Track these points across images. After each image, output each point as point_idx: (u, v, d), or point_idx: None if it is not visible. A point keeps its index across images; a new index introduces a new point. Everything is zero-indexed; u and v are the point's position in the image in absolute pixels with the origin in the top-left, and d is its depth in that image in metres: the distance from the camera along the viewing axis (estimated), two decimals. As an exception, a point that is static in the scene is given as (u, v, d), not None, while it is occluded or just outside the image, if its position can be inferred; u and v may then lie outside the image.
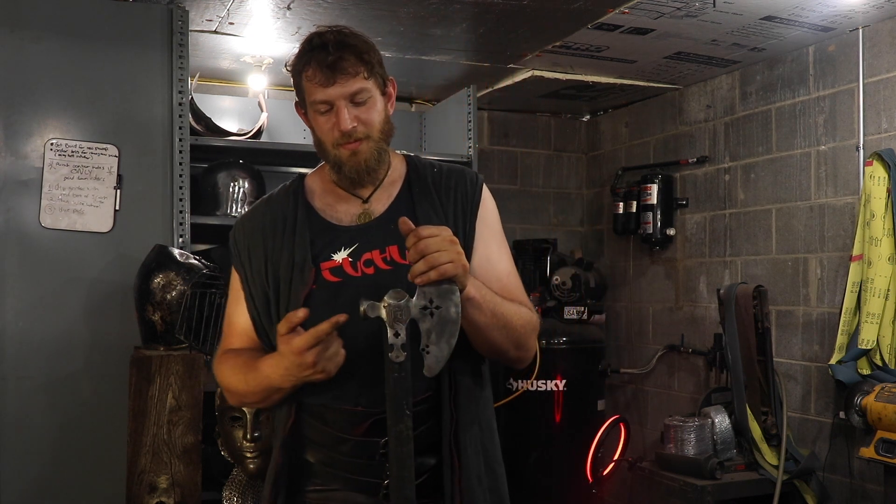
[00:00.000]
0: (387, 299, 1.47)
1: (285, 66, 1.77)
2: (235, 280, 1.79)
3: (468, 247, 1.70)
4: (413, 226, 1.51)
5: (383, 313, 1.47)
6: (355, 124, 1.67)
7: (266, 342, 1.73)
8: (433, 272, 1.47)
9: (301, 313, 1.52)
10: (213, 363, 1.80)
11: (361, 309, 1.47)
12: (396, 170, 1.80)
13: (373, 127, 1.69)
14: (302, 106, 1.76)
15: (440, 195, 1.75)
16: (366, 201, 1.75)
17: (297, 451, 1.70)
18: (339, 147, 1.68)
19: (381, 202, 1.75)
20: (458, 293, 1.49)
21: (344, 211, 1.75)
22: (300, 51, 1.71)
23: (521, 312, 1.68)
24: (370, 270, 1.67)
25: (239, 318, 1.77)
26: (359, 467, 1.65)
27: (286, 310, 1.64)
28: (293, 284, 1.66)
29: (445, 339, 1.47)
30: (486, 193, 1.80)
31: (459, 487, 1.61)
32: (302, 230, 1.72)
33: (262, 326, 1.73)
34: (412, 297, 1.48)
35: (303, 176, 1.86)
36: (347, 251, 1.69)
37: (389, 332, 1.46)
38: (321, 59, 1.65)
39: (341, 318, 1.50)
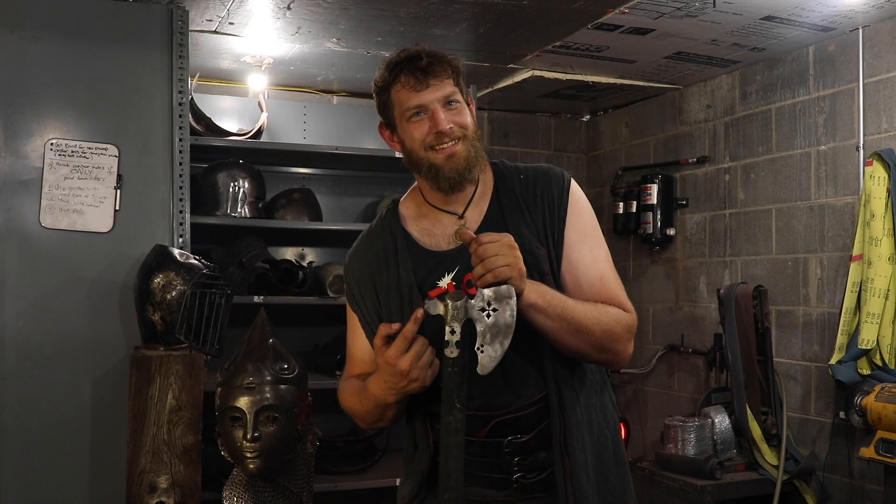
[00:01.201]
0: (447, 298, 1.55)
1: (374, 83, 1.77)
2: (352, 316, 1.86)
3: (558, 255, 1.74)
4: (472, 234, 1.58)
5: (442, 310, 1.55)
6: (451, 125, 1.70)
7: None
8: (489, 275, 1.53)
9: (396, 325, 1.60)
10: (339, 393, 1.87)
11: (424, 307, 1.56)
12: (485, 182, 1.82)
13: (468, 128, 1.72)
14: (387, 125, 1.79)
15: (528, 204, 1.77)
16: (461, 216, 1.78)
17: (435, 456, 1.76)
18: (432, 150, 1.70)
19: (473, 218, 1.77)
20: (516, 298, 1.53)
21: (441, 234, 1.78)
22: (387, 66, 1.74)
23: (604, 316, 1.67)
24: (473, 291, 1.67)
25: (358, 349, 1.85)
26: (486, 465, 1.72)
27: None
28: (405, 316, 1.68)
29: (499, 340, 1.53)
30: (573, 195, 1.79)
31: (571, 485, 1.68)
32: (404, 262, 1.76)
33: None
34: (471, 299, 1.55)
35: (396, 202, 1.89)
36: (451, 275, 1.73)
37: (447, 329, 1.54)
38: (413, 66, 1.70)
39: (419, 312, 1.57)
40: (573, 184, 1.81)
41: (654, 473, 3.69)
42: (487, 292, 1.53)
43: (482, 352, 1.53)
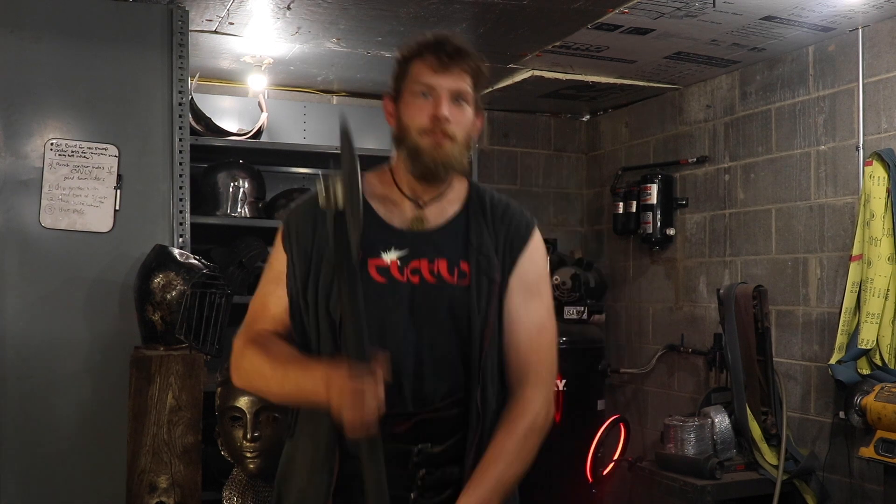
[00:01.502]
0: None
1: (398, 50, 1.76)
2: (278, 262, 1.75)
3: (503, 285, 1.71)
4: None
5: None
6: (449, 118, 1.67)
7: (297, 324, 1.71)
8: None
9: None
10: (235, 340, 1.72)
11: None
12: (457, 190, 1.80)
13: (463, 129, 1.70)
14: (394, 96, 1.75)
15: (494, 223, 1.76)
16: (421, 206, 1.75)
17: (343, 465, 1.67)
18: (424, 135, 1.67)
19: (435, 215, 1.75)
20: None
21: (398, 214, 1.75)
22: (419, 40, 1.73)
23: (526, 453, 1.66)
24: (416, 279, 1.68)
25: (275, 303, 1.73)
26: (388, 479, 1.55)
27: (324, 295, 1.64)
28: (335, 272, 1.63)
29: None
30: (535, 240, 1.78)
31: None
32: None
33: (297, 307, 1.71)
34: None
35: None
36: (397, 253, 1.69)
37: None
38: (442, 47, 1.69)
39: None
40: (536, 231, 1.80)
41: (654, 473, 3.69)
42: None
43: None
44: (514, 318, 1.71)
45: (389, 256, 1.68)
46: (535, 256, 1.77)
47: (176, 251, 2.95)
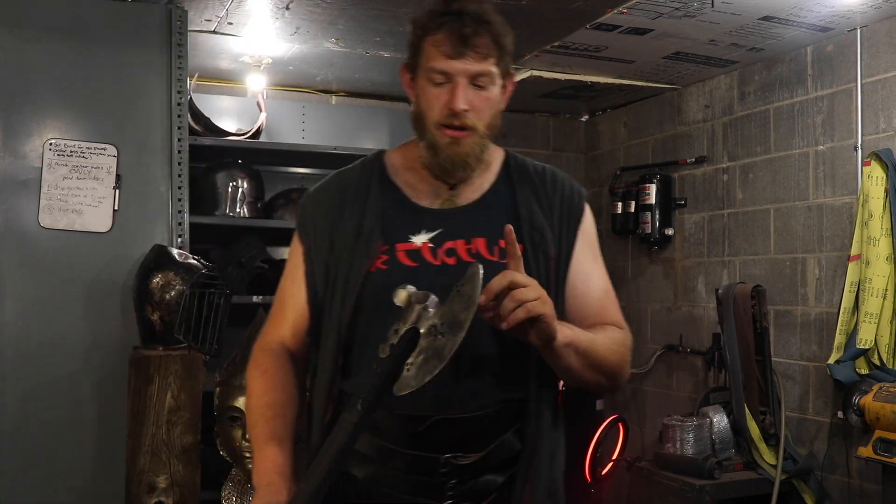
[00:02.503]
0: (410, 294, 1.35)
1: (413, 19, 1.55)
2: (297, 255, 1.60)
3: (567, 254, 1.59)
4: (514, 237, 1.38)
5: (402, 301, 1.35)
6: (468, 108, 1.49)
7: (315, 324, 1.57)
8: (521, 309, 1.31)
9: None
10: (254, 348, 1.62)
11: (400, 292, 1.36)
12: (491, 163, 1.63)
13: (483, 118, 1.52)
14: (410, 69, 1.57)
15: (545, 187, 1.62)
16: (453, 188, 1.58)
17: None
18: (441, 128, 1.51)
19: (469, 191, 1.59)
20: (463, 334, 1.28)
21: (427, 192, 1.59)
22: (433, 10, 1.53)
23: (614, 344, 1.53)
24: (452, 261, 1.51)
25: (292, 307, 1.60)
26: (414, 486, 1.47)
27: (345, 284, 1.50)
28: (356, 255, 1.51)
29: (429, 368, 1.29)
30: (588, 208, 1.66)
31: None
32: (375, 200, 1.56)
33: (317, 304, 1.57)
34: (435, 308, 1.33)
35: (382, 151, 1.68)
36: (428, 235, 1.53)
37: (394, 326, 1.34)
38: (455, 27, 1.49)
39: None
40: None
41: (653, 473, 3.69)
42: (447, 314, 1.30)
43: (407, 370, 1.31)
44: (581, 290, 1.58)
45: (420, 239, 1.52)
46: (591, 222, 1.66)
47: (175, 251, 2.95)
